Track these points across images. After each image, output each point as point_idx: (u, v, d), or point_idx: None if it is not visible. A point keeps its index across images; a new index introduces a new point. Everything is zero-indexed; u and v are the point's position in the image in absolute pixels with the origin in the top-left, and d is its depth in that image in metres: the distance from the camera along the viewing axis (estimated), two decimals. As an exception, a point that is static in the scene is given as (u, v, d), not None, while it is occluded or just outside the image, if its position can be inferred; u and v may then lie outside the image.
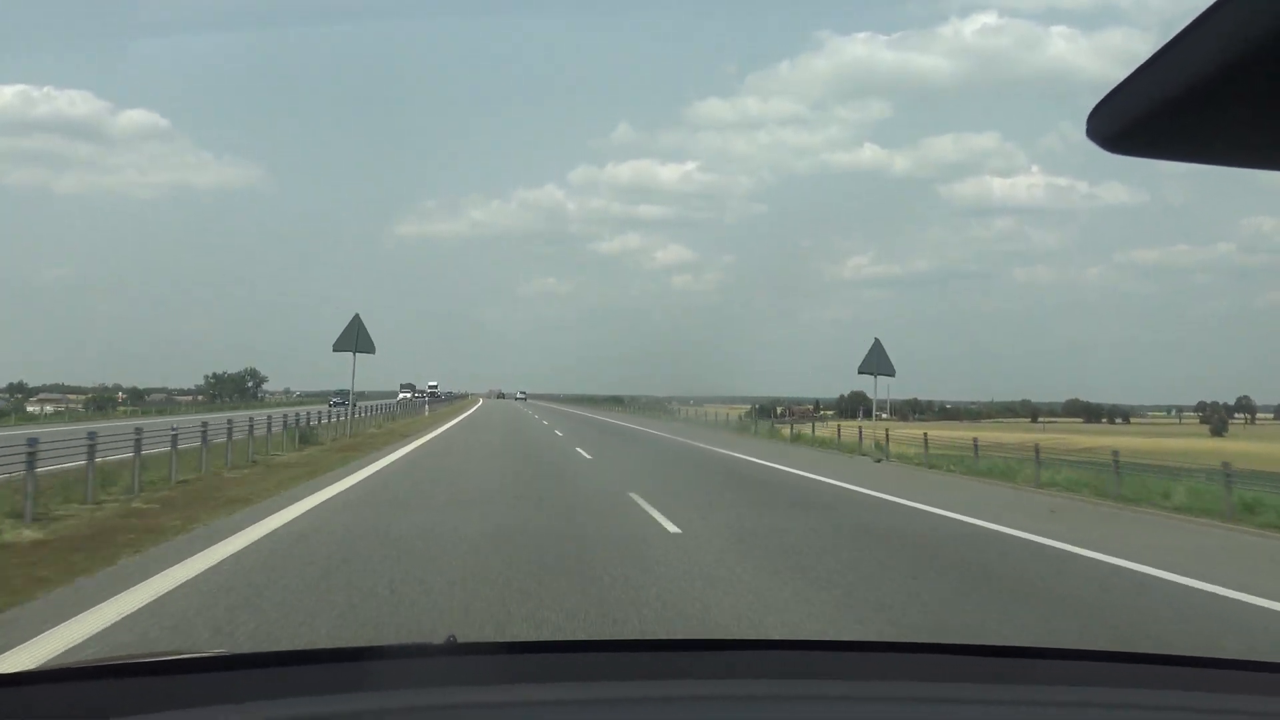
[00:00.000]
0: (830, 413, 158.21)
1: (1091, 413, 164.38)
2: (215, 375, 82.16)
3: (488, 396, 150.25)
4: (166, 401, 65.73)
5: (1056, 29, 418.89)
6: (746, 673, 1.65)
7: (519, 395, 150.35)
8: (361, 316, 28.02)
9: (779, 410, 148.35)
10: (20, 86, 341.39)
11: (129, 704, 1.32)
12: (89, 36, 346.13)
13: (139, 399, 66.24)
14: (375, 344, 28.12)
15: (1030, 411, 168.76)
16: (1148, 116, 0.67)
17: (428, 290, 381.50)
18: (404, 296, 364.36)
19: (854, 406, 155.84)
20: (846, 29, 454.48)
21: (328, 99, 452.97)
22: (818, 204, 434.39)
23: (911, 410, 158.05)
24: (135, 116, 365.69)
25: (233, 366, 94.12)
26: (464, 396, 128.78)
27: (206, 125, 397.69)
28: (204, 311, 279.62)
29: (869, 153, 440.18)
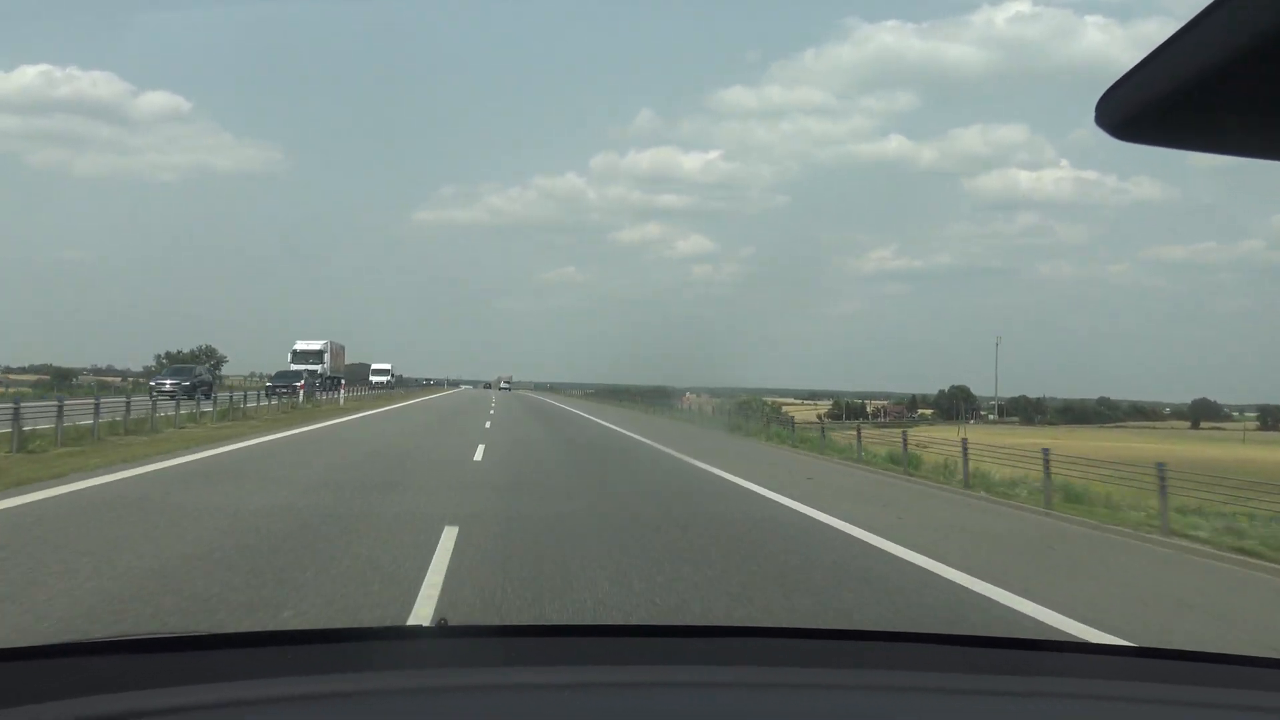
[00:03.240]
0: (929, 412, 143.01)
1: (1270, 415, 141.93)
2: (167, 354, 72.80)
3: (489, 386, 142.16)
4: (96, 383, 56.65)
5: (1091, 18, 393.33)
6: (740, 659, 1.67)
7: (503, 385, 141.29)
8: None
9: (870, 409, 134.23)
10: (44, 66, 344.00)
11: (112, 682, 1.34)
12: (111, 15, 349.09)
13: (65, 380, 56.39)
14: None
15: (1194, 414, 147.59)
16: (1157, 104, 0.67)
17: (444, 277, 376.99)
18: (420, 283, 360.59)
19: (955, 405, 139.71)
20: (875, 16, 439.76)
21: (348, 82, 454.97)
22: (841, 196, 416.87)
23: (1034, 410, 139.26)
24: (157, 98, 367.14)
25: (236, 351, 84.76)
26: (366, 377, 75.95)
27: (228, 108, 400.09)
28: (214, 294, 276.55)
29: (894, 144, 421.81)
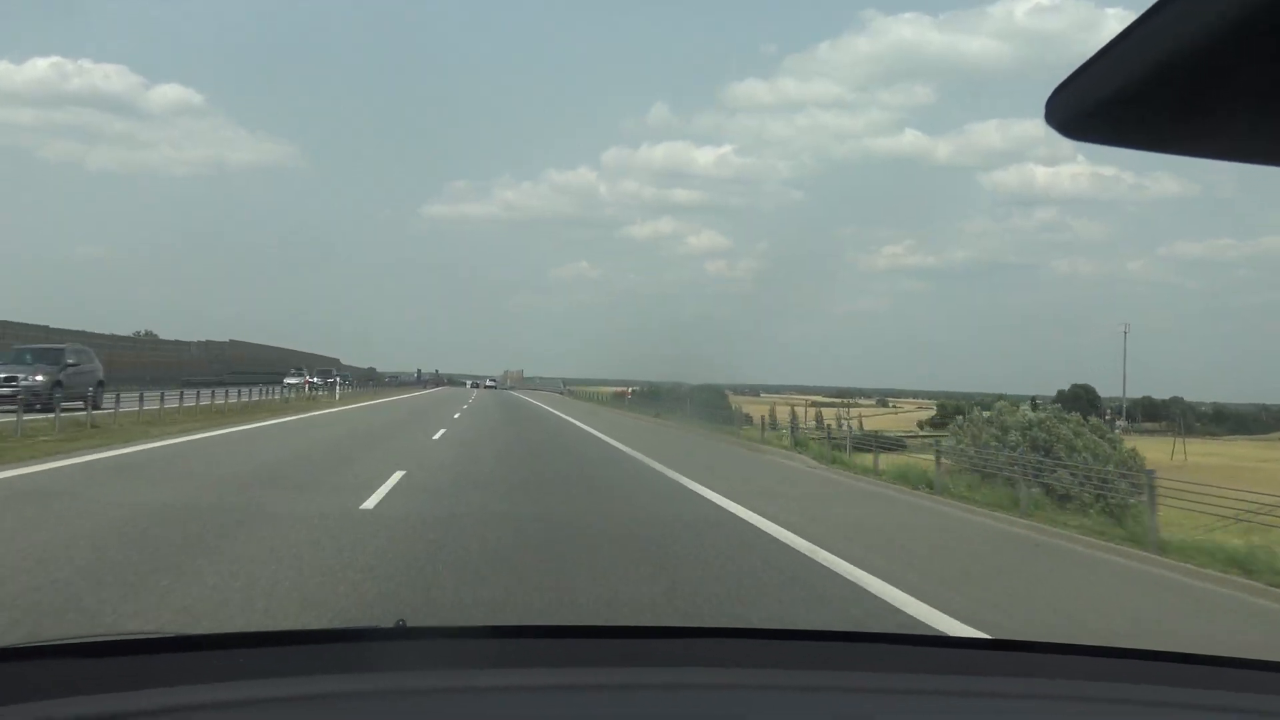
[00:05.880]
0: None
1: None
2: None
3: (477, 385, 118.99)
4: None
5: (1112, 10, 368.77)
6: (706, 661, 1.63)
7: (488, 384, 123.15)
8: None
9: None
10: (55, 58, 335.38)
11: (72, 685, 1.31)
12: (121, 6, 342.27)
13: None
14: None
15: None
16: (1107, 102, 0.67)
17: (457, 272, 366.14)
18: (433, 278, 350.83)
19: (1076, 408, 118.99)
20: (892, 8, 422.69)
21: (360, 77, 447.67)
22: (858, 191, 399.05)
23: (1188, 418, 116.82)
24: (170, 91, 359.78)
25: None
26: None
27: (241, 102, 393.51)
28: (224, 289, 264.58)
29: (910, 138, 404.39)
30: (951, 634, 5.45)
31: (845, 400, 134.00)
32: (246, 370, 57.10)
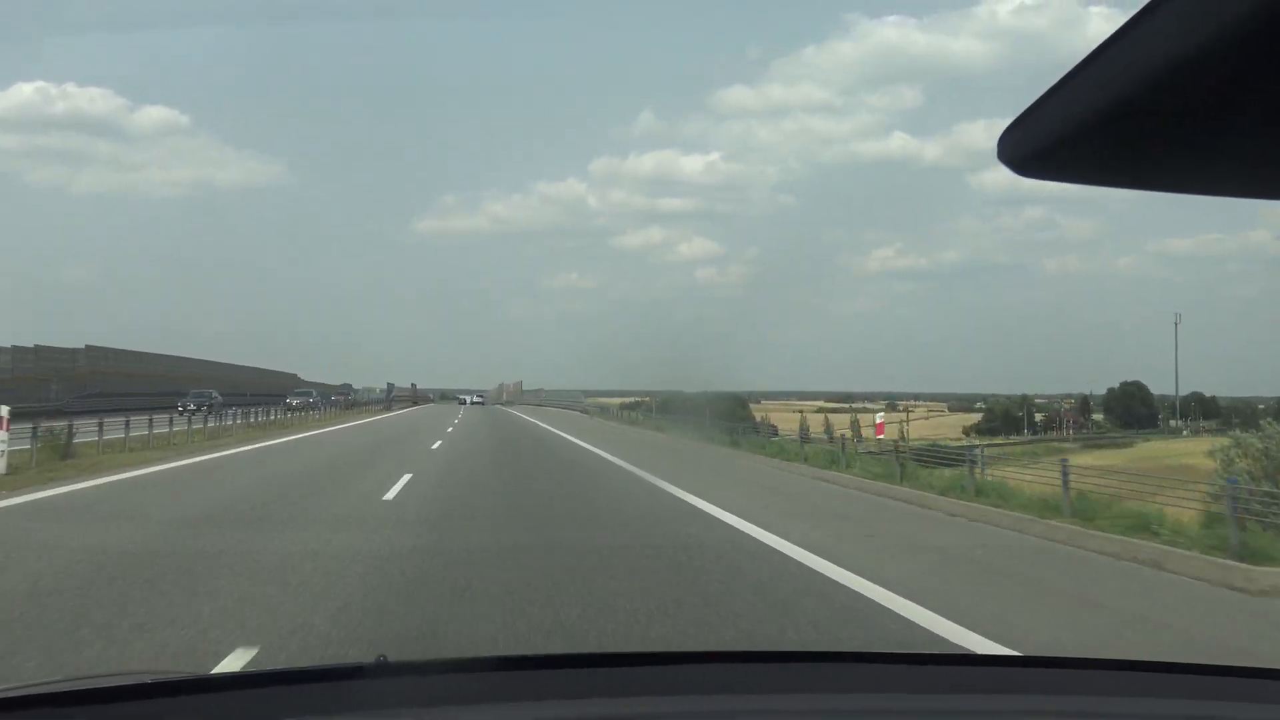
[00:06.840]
0: (1098, 417, 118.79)
1: None
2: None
3: (463, 401, 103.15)
4: None
5: (1095, 9, 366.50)
6: (716, 688, 1.60)
7: (475, 399, 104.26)
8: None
9: (1040, 417, 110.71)
10: (39, 83, 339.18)
11: None
12: (106, 31, 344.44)
13: None
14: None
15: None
16: (1057, 140, 0.67)
17: (449, 286, 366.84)
18: (424, 293, 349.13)
19: (1129, 407, 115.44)
20: (877, 12, 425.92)
21: (346, 94, 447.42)
22: (846, 195, 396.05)
23: (1207, 411, 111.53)
24: (154, 113, 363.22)
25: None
26: None
27: (227, 122, 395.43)
28: (209, 311, 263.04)
29: (899, 141, 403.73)
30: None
31: (894, 405, 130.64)
32: (113, 393, 40.40)
